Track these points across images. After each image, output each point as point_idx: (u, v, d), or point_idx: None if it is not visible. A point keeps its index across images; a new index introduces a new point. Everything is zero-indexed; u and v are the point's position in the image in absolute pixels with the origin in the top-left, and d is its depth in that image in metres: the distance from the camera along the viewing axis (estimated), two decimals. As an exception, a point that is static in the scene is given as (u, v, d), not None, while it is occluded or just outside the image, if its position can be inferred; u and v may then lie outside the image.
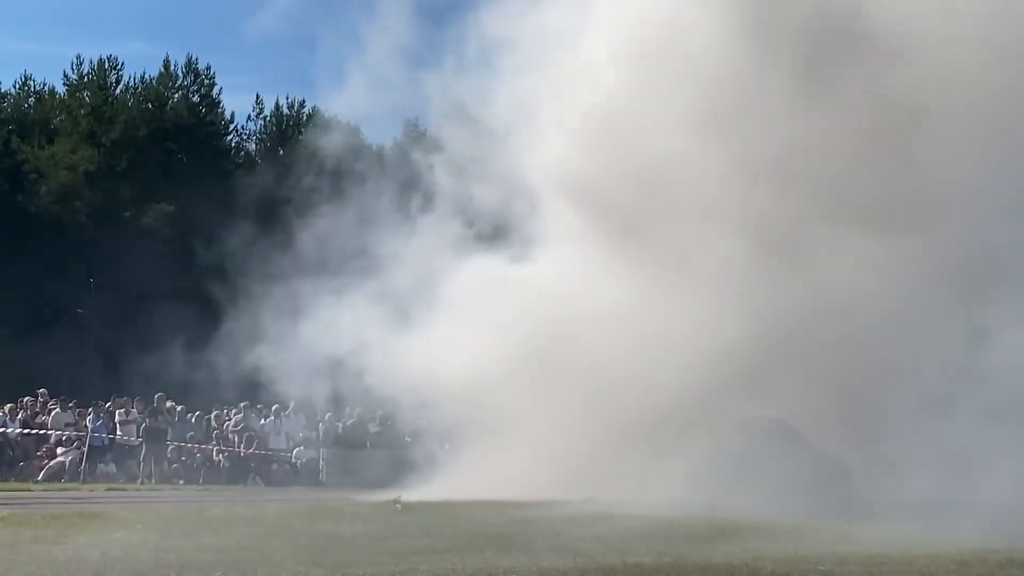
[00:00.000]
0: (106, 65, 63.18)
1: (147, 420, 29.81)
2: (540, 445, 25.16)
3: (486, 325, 27.30)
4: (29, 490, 24.70)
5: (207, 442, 31.79)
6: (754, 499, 19.98)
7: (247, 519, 15.72)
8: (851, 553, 13.35)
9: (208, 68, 66.30)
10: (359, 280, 30.16)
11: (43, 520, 14.58)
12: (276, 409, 33.50)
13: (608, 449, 24.62)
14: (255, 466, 31.43)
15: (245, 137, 71.36)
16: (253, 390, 33.72)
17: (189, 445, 31.19)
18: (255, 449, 31.65)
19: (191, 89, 66.19)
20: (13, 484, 26.21)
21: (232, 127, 69.48)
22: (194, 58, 65.95)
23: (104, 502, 19.19)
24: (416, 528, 15.48)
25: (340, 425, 33.99)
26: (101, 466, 29.67)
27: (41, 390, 32.11)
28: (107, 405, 31.96)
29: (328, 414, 34.23)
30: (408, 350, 27.80)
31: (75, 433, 30.15)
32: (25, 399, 31.31)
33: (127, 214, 58.89)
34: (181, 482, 29.40)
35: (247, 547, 12.56)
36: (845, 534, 15.72)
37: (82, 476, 28.64)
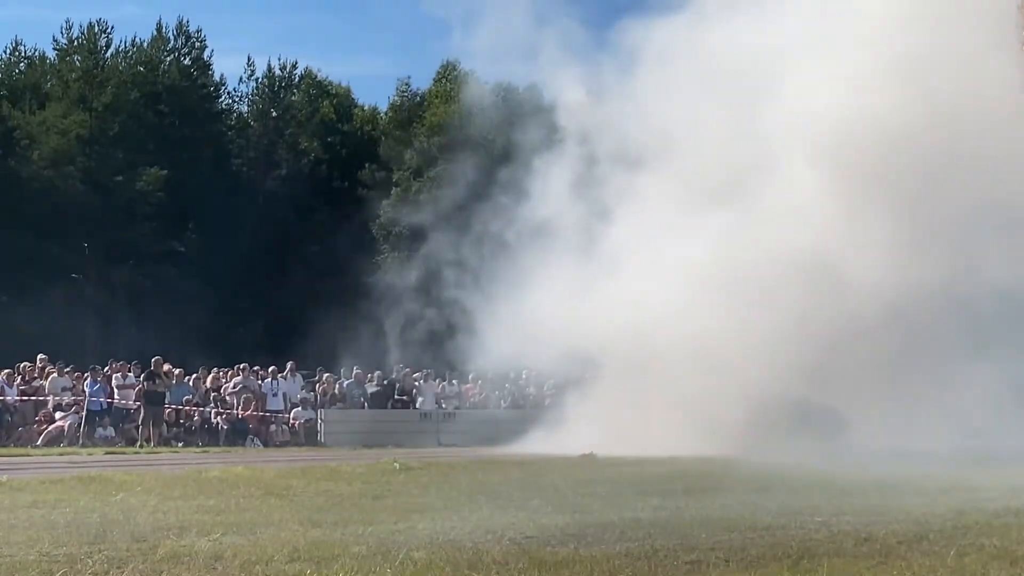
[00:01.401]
0: (96, 29, 62.80)
1: (145, 384, 29.80)
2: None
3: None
4: (28, 455, 24.75)
5: (205, 405, 31.82)
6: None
7: (246, 480, 15.76)
8: (848, 504, 13.43)
9: (199, 31, 66.11)
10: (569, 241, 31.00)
11: (42, 484, 14.61)
12: (273, 370, 33.54)
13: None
14: (253, 428, 31.45)
15: (237, 99, 71.23)
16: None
17: (187, 408, 31.22)
18: (253, 411, 31.68)
19: (182, 52, 65.91)
20: (12, 449, 26.26)
21: (224, 90, 69.34)
22: (185, 21, 65.74)
23: (103, 466, 19.21)
24: (415, 487, 15.54)
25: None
26: (100, 430, 29.69)
27: (40, 356, 32.07)
28: (104, 369, 31.97)
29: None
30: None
31: (73, 398, 30.16)
32: (23, 364, 31.29)
33: (120, 178, 58.71)
34: (180, 445, 29.45)
35: (246, 508, 12.62)
36: (846, 485, 15.81)
37: (81, 440, 28.68)
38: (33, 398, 30.09)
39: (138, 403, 30.09)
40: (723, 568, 8.79)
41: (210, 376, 33.30)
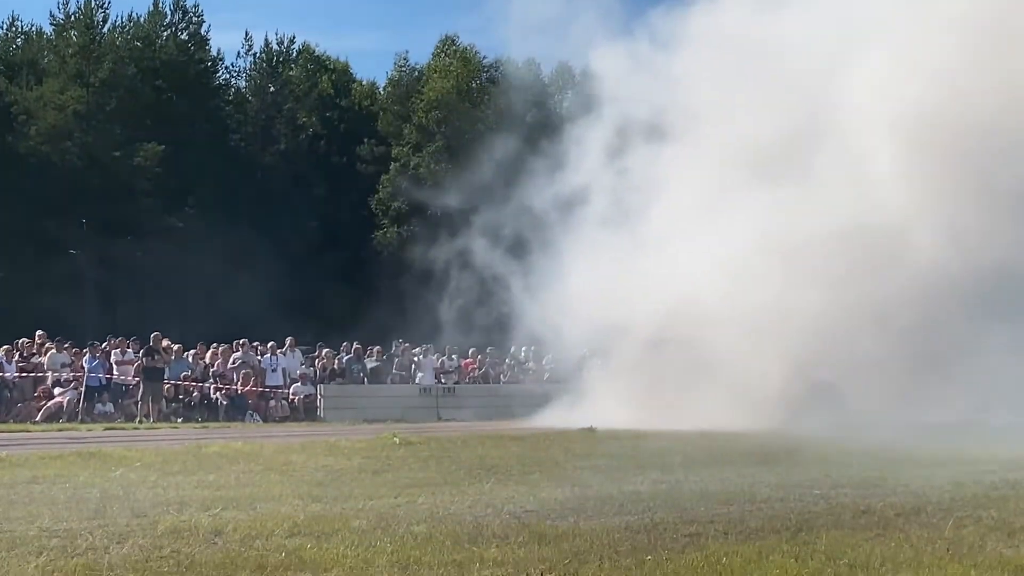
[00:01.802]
0: (93, 4, 62.61)
1: (144, 359, 29.78)
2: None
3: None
4: (27, 430, 24.76)
5: (204, 380, 31.83)
6: None
7: (246, 455, 15.78)
8: (846, 477, 13.47)
9: (196, 5, 65.98)
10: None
11: (42, 460, 14.63)
12: (272, 346, 33.55)
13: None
14: (252, 403, 31.47)
15: (235, 75, 71.14)
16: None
17: (186, 384, 31.23)
18: (252, 386, 31.70)
19: (179, 27, 65.80)
20: (11, 425, 26.26)
21: (222, 65, 69.25)
22: (182, -5, 65.59)
23: (102, 441, 19.21)
24: (415, 461, 15.57)
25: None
26: (99, 406, 29.70)
27: (39, 332, 32.08)
28: (103, 345, 31.96)
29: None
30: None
31: (72, 374, 30.16)
32: (21, 340, 31.28)
33: (118, 154, 58.64)
34: (179, 420, 29.46)
35: (246, 483, 12.64)
36: (845, 457, 15.85)
37: (80, 416, 28.68)
38: (32, 374, 30.09)
39: (137, 379, 30.08)
40: (722, 541, 8.82)
41: (209, 352, 33.29)
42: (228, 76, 70.59)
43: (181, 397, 31.03)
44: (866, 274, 26.92)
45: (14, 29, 65.22)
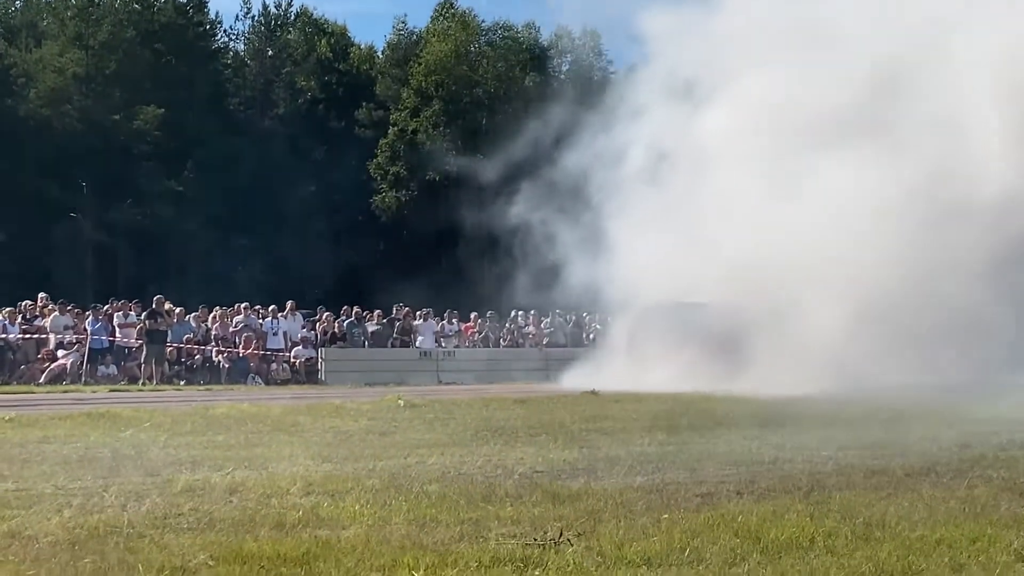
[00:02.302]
0: (91, -35, 62.35)
1: (147, 322, 29.80)
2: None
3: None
4: (32, 392, 24.81)
5: (206, 343, 31.89)
6: None
7: (253, 417, 15.84)
8: (852, 438, 13.53)
9: (195, -34, 65.62)
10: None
11: (51, 420, 14.69)
12: (273, 309, 33.60)
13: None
14: (254, 366, 31.55)
15: (233, 38, 70.92)
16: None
17: (188, 347, 31.29)
18: (254, 349, 31.77)
19: (178, -11, 65.55)
20: (15, 387, 26.32)
21: (220, 28, 69.00)
22: (180, -44, 65.24)
23: (109, 402, 19.26)
24: (421, 423, 15.63)
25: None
26: (102, 368, 29.77)
27: (41, 294, 32.10)
28: (105, 308, 32.01)
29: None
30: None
31: (75, 336, 30.21)
32: (24, 302, 31.31)
33: (117, 117, 58.54)
34: (182, 383, 29.53)
35: (256, 443, 12.70)
36: (851, 418, 15.92)
37: (83, 378, 28.76)
38: (35, 336, 30.14)
39: (140, 341, 30.13)
40: (735, 500, 8.87)
41: (211, 315, 33.33)
42: (226, 39, 70.55)
43: (183, 360, 31.09)
44: (940, 232, 26.83)
45: (13, -8, 65.02)
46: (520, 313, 39.79)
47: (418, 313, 36.72)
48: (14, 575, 6.10)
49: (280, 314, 33.53)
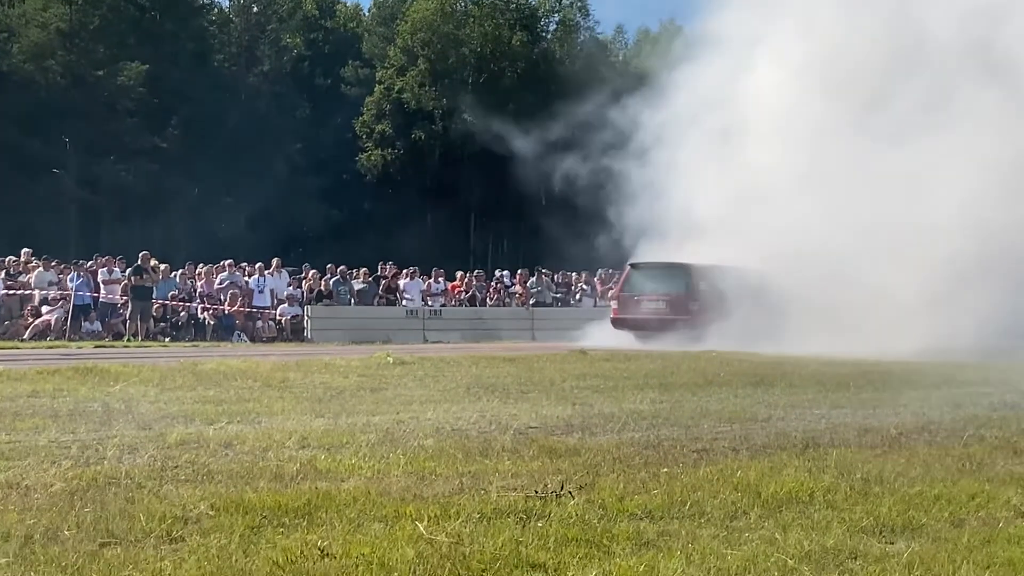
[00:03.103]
0: (74, -81, 61.76)
1: (132, 278, 29.67)
2: None
3: None
4: (17, 347, 24.72)
5: (191, 300, 31.78)
6: None
7: (243, 373, 15.77)
8: (843, 398, 13.59)
9: (179, -79, 65.10)
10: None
11: (39, 375, 14.60)
12: (260, 267, 33.50)
13: None
14: (240, 323, 31.47)
15: (218, -6, 70.53)
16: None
17: (173, 304, 31.18)
18: (240, 307, 31.68)
19: (162, -57, 65.05)
20: (0, 343, 26.21)
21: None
22: (164, -90, 64.69)
23: (96, 358, 19.18)
24: (411, 380, 15.60)
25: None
26: (86, 324, 29.67)
27: (25, 249, 31.94)
28: (89, 264, 31.84)
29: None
30: None
31: (59, 292, 30.08)
32: (8, 258, 31.15)
33: (101, 73, 58.17)
34: (167, 340, 29.44)
35: (247, 399, 12.65)
36: (842, 379, 15.97)
37: (68, 334, 28.66)
38: (19, 292, 30.00)
39: (125, 298, 30.01)
40: (731, 456, 8.87)
41: (196, 272, 33.23)
42: (212, -5, 70.02)
43: (168, 317, 30.99)
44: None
45: (-4, -55, 64.36)
46: (506, 272, 39.82)
47: (404, 271, 36.68)
48: (16, 524, 6.06)
49: (266, 271, 33.44)
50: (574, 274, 40.38)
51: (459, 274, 38.90)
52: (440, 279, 37.50)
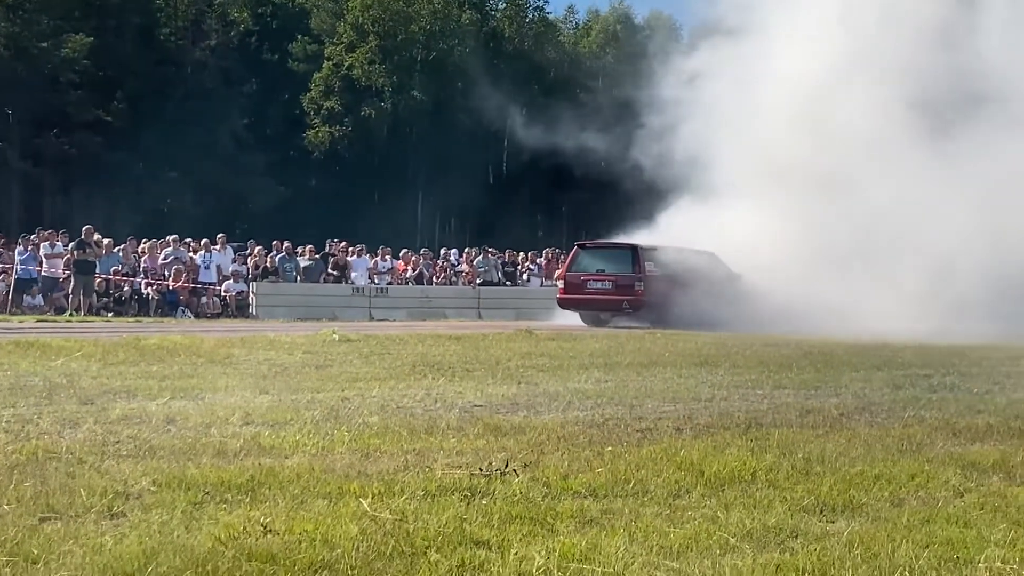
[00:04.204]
0: None
1: (75, 253, 29.36)
2: None
3: None
4: (-43, 322, 24.45)
5: (135, 275, 31.51)
6: None
7: (186, 348, 15.68)
8: (786, 378, 13.69)
9: None
10: None
11: (-21, 349, 14.47)
12: (205, 243, 33.27)
13: None
14: (184, 299, 31.25)
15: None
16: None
17: (117, 279, 30.90)
18: (185, 282, 31.46)
19: (108, -86, 64.21)
20: (-60, 316, 25.94)
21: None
22: None
23: (38, 332, 19.02)
24: (356, 357, 15.57)
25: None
26: (28, 298, 29.39)
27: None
28: (32, 238, 31.53)
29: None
30: None
31: (1, 265, 29.76)
32: (-51, 232, 30.82)
33: (45, 44, 57.40)
34: (109, 315, 29.19)
35: (191, 375, 12.59)
36: (784, 360, 16.10)
37: (9, 308, 28.37)
38: (-40, 265, 29.69)
39: (67, 272, 29.71)
40: (675, 436, 8.92)
41: (140, 247, 32.95)
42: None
43: (111, 292, 30.73)
44: None
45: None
46: (453, 251, 39.80)
47: (351, 249, 36.57)
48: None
49: (211, 247, 33.21)
50: (521, 254, 40.44)
51: (406, 252, 38.82)
52: (387, 257, 37.40)
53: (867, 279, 27.49)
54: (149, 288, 31.16)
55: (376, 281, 35.76)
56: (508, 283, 38.56)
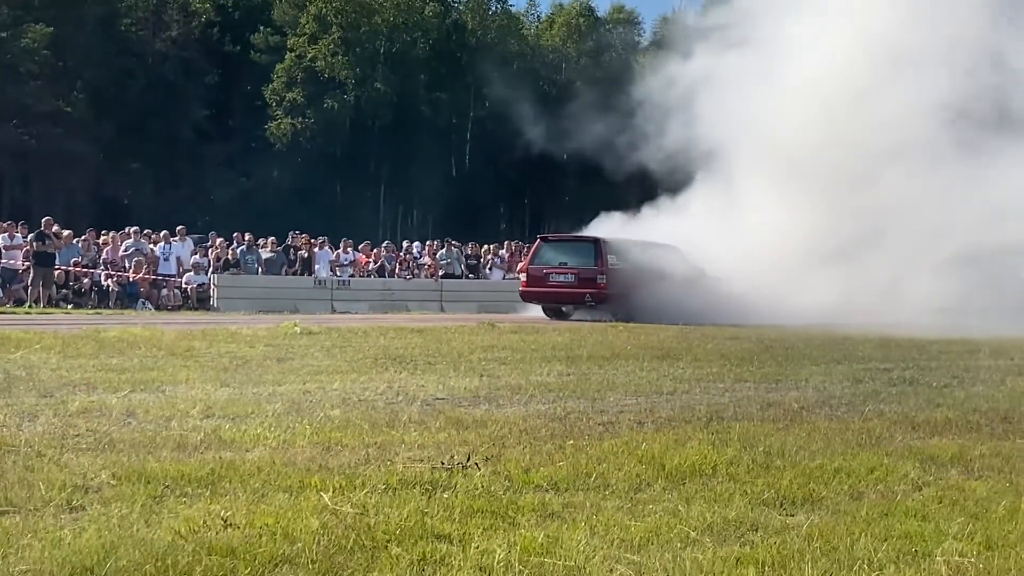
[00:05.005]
0: None
1: (34, 244, 29.12)
2: None
3: None
4: (-86, 314, 24.22)
5: (95, 267, 31.30)
6: None
7: (146, 341, 15.59)
8: (747, 372, 13.74)
9: None
10: None
11: (-64, 341, 14.34)
12: (165, 234, 33.07)
13: None
14: (144, 291, 31.06)
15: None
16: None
17: (76, 270, 30.68)
18: (145, 274, 31.26)
19: (68, -97, 63.67)
20: None
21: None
22: None
23: (-4, 325, 18.88)
24: (318, 350, 15.51)
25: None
26: (-14, 291, 29.19)
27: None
28: (-10, 229, 31.30)
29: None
30: None
31: (-41, 257, 29.54)
32: (-94, 222, 30.50)
33: (4, 35, 56.94)
34: (69, 307, 28.98)
35: (151, 367, 12.50)
36: (746, 353, 16.16)
37: (-34, 300, 28.16)
38: (-83, 257, 29.39)
39: (26, 264, 29.48)
40: (636, 429, 8.96)
41: (100, 239, 32.73)
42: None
43: (71, 284, 30.50)
44: None
45: None
46: (416, 244, 39.74)
47: (313, 241, 36.45)
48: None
49: (172, 239, 33.02)
50: (484, 246, 40.44)
51: (363, 244, 38.74)
52: (349, 249, 37.30)
53: (844, 275, 27.65)
54: (109, 280, 30.95)
55: (338, 274, 35.66)
56: (471, 276, 38.56)
